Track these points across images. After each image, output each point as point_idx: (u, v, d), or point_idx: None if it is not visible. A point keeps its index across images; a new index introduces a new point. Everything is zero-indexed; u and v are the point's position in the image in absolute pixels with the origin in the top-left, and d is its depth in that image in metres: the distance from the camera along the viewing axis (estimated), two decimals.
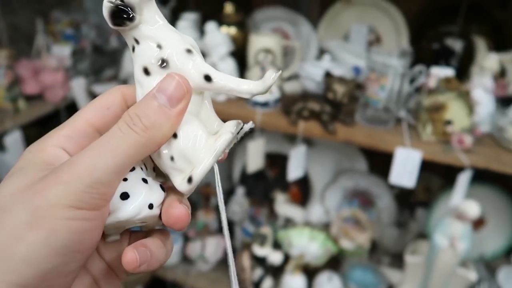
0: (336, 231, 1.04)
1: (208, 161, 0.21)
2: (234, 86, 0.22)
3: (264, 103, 0.90)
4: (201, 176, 0.21)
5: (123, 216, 0.21)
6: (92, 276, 0.24)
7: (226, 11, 0.98)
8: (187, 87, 0.21)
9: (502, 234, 1.02)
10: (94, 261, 0.24)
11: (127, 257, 0.21)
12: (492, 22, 0.94)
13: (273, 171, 1.17)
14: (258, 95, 0.22)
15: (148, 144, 0.21)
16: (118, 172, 0.20)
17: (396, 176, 0.80)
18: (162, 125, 0.21)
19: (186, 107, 0.21)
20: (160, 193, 0.23)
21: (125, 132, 0.20)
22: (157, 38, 0.22)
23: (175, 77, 0.21)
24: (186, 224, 0.22)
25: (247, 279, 1.03)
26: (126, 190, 0.22)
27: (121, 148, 0.20)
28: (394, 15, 0.98)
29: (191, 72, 0.21)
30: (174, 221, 0.22)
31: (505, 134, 0.79)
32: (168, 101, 0.21)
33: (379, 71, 0.82)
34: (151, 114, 0.21)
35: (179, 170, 0.22)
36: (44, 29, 1.02)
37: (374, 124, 0.86)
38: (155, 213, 0.22)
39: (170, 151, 0.22)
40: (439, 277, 0.85)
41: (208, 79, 0.22)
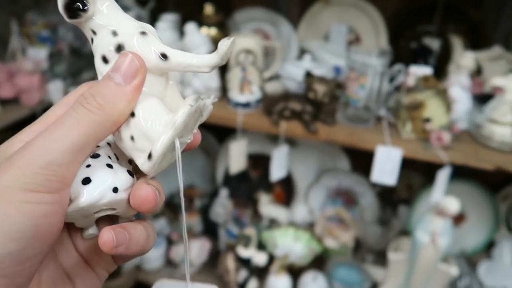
0: (320, 231, 1.05)
1: (167, 135, 0.21)
2: (191, 61, 0.22)
3: (245, 104, 0.90)
4: (161, 151, 0.21)
5: (86, 201, 0.21)
6: (64, 269, 0.23)
7: (206, 12, 0.98)
8: (140, 62, 0.21)
9: (482, 229, 1.04)
10: (67, 253, 0.24)
11: (103, 237, 0.20)
12: (467, 22, 0.96)
13: (256, 172, 1.17)
14: (216, 66, 0.22)
15: (104, 123, 0.20)
16: (74, 153, 0.19)
17: (377, 174, 0.81)
18: (118, 102, 0.20)
19: (141, 83, 0.21)
20: (127, 177, 0.22)
21: (79, 112, 0.20)
22: (112, 26, 0.22)
23: (128, 54, 0.21)
24: (153, 205, 0.22)
25: (231, 281, 1.02)
26: (88, 175, 0.21)
27: (75, 128, 0.20)
28: (372, 15, 0.99)
29: (146, 52, 0.22)
30: (141, 202, 0.21)
31: (482, 131, 0.81)
32: (122, 78, 0.20)
33: (359, 71, 0.83)
34: (105, 92, 0.20)
35: (141, 150, 0.21)
36: (19, 31, 1.00)
37: (354, 123, 0.86)
38: (122, 197, 0.22)
39: (129, 131, 0.22)
40: (421, 272, 0.86)
41: (164, 57, 0.22)
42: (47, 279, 0.22)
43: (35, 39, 1.03)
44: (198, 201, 1.24)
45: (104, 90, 0.21)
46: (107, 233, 0.20)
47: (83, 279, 0.24)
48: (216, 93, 0.94)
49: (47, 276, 0.22)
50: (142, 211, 0.22)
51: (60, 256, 0.23)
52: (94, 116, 0.20)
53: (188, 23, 0.90)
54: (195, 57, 0.22)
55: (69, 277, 0.23)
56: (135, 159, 0.22)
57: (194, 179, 1.30)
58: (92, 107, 0.20)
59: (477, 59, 0.88)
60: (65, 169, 0.19)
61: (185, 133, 0.23)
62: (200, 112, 0.23)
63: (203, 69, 0.22)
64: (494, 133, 0.78)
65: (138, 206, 0.22)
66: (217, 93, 0.95)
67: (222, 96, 0.96)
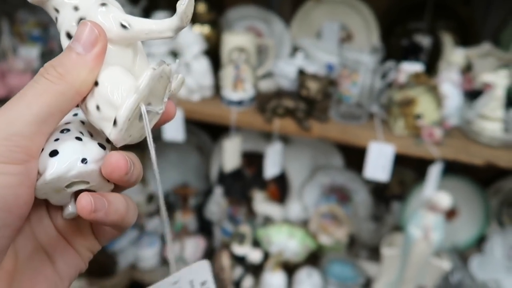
0: (315, 227, 1.05)
1: (130, 100, 0.20)
2: (151, 27, 0.22)
3: (239, 102, 0.90)
4: (125, 116, 0.20)
5: (54, 173, 0.20)
6: (43, 248, 0.23)
7: (198, 10, 0.97)
8: (99, 30, 0.21)
9: (473, 224, 1.06)
10: (46, 232, 0.23)
11: (81, 201, 0.20)
12: (457, 19, 0.97)
13: (250, 170, 1.17)
14: (179, 29, 0.22)
15: (67, 92, 0.20)
16: (38, 124, 0.19)
17: (370, 170, 0.82)
18: (79, 70, 0.20)
19: (102, 51, 0.21)
20: (97, 149, 0.22)
21: (40, 83, 0.20)
22: (73, 1, 0.22)
23: (86, 23, 0.21)
24: (124, 172, 0.21)
25: (227, 279, 1.02)
26: (56, 148, 0.21)
27: (36, 98, 0.19)
28: (364, 13, 0.99)
29: (107, 23, 0.21)
30: (112, 169, 0.21)
31: (472, 126, 0.82)
32: (82, 47, 0.20)
33: (351, 68, 0.84)
34: (66, 62, 0.20)
35: (108, 119, 0.21)
36: (10, 30, 0.99)
37: (347, 119, 0.87)
38: (92, 168, 0.21)
39: (95, 101, 0.21)
40: (414, 267, 0.87)
41: (124, 26, 0.21)
42: (24, 257, 0.22)
43: (26, 38, 1.02)
44: (193, 200, 1.24)
45: (64, 60, 0.21)
46: (85, 197, 0.20)
47: (64, 259, 0.24)
48: (210, 91, 0.95)
49: (24, 254, 0.22)
50: (114, 179, 0.22)
51: (39, 235, 0.23)
52: (56, 86, 0.20)
53: None
54: (155, 23, 0.22)
55: (49, 256, 0.23)
56: (103, 130, 0.22)
57: (188, 178, 1.30)
58: (53, 77, 0.20)
59: (467, 56, 0.89)
60: (29, 140, 0.19)
61: (154, 101, 0.22)
62: (167, 78, 0.22)
63: (165, 33, 0.22)
64: (484, 129, 0.79)
65: (110, 173, 0.21)
66: (210, 91, 0.95)
67: (215, 94, 0.96)
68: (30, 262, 0.22)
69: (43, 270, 0.23)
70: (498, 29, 0.97)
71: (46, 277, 0.23)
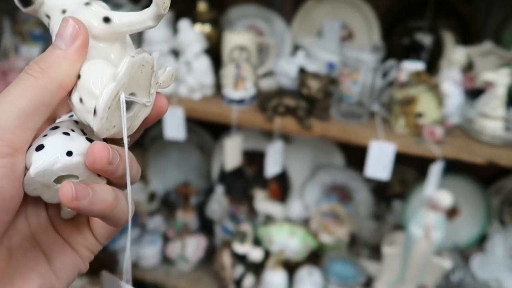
0: (316, 226, 1.05)
1: (109, 88, 0.20)
2: (132, 18, 0.22)
3: (240, 100, 0.90)
4: (104, 104, 0.20)
5: (40, 166, 0.20)
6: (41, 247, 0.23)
7: (199, 8, 0.98)
8: (79, 24, 0.21)
9: (474, 223, 1.05)
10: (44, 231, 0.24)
11: (62, 188, 0.20)
12: (458, 17, 0.97)
13: (251, 169, 1.17)
14: (158, 17, 0.22)
15: (49, 86, 0.20)
16: (21, 118, 0.20)
17: (371, 169, 0.82)
18: (61, 64, 0.21)
19: (83, 45, 0.21)
20: (84, 142, 0.22)
21: (23, 79, 0.20)
22: (61, 6, 0.22)
23: (68, 19, 0.21)
24: (106, 161, 0.21)
25: (228, 277, 1.02)
26: (42, 142, 0.21)
27: (20, 93, 0.20)
28: (365, 11, 0.99)
29: (90, 20, 0.22)
30: (94, 158, 0.21)
31: (473, 125, 0.82)
32: (64, 43, 0.21)
33: (352, 66, 0.83)
34: (48, 57, 0.21)
35: (91, 111, 0.21)
36: (11, 29, 0.99)
37: (348, 118, 0.87)
38: (77, 161, 0.21)
39: (78, 93, 0.21)
40: (415, 266, 0.87)
41: (107, 20, 0.22)
42: (19, 254, 0.22)
43: (27, 37, 1.02)
44: (194, 198, 1.24)
45: (47, 56, 0.21)
46: (66, 184, 0.20)
47: (61, 258, 0.24)
48: (211, 90, 0.95)
49: (19, 252, 0.22)
50: (97, 169, 0.22)
51: (37, 234, 0.23)
52: (38, 81, 0.20)
53: (182, 20, 0.90)
54: (134, 14, 0.22)
55: (45, 254, 0.23)
56: (89, 123, 0.22)
57: (190, 176, 1.30)
58: (35, 73, 0.20)
59: (468, 54, 0.89)
60: (12, 134, 0.19)
61: (139, 91, 0.22)
62: (150, 68, 0.22)
63: (146, 23, 0.22)
64: (486, 127, 0.79)
65: (92, 162, 0.21)
66: (211, 90, 0.95)
67: (216, 92, 0.96)
68: (24, 259, 0.22)
69: (37, 267, 0.23)
70: (500, 27, 0.97)
71: (40, 274, 0.23)
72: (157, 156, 1.29)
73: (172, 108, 0.90)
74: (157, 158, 1.29)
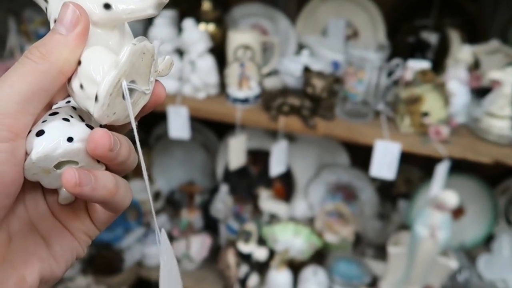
0: (320, 225, 1.05)
1: (111, 74, 0.20)
2: (135, 6, 0.22)
3: (244, 100, 0.90)
4: (106, 91, 0.21)
5: (40, 151, 0.21)
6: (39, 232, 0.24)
7: (203, 8, 0.97)
8: (81, 10, 0.21)
9: (481, 222, 1.05)
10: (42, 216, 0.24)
11: (65, 174, 0.20)
12: (464, 15, 0.96)
13: (256, 168, 1.17)
14: (159, 5, 0.22)
15: (49, 71, 0.20)
16: (20, 102, 0.20)
17: (376, 168, 0.81)
18: (61, 50, 0.21)
19: (83, 31, 0.21)
20: (84, 129, 0.22)
21: (23, 63, 0.20)
22: None
23: (68, 5, 0.21)
24: (107, 147, 0.21)
25: (232, 276, 1.03)
26: (42, 128, 0.21)
27: (20, 78, 0.20)
28: (370, 9, 0.99)
29: (90, 5, 0.22)
30: (95, 144, 0.21)
31: (480, 124, 0.81)
32: (64, 28, 0.21)
33: (357, 65, 0.83)
34: (48, 42, 0.21)
35: (91, 97, 0.21)
36: (17, 29, 1.00)
37: (353, 117, 0.87)
38: (78, 147, 0.22)
39: (79, 80, 0.21)
40: (420, 266, 0.87)
41: (107, 6, 0.22)
42: (18, 239, 0.22)
43: (32, 36, 1.03)
44: (198, 197, 1.24)
45: (47, 41, 0.21)
46: (69, 170, 0.21)
47: (60, 242, 0.24)
48: (215, 89, 0.95)
49: (18, 236, 0.22)
50: (98, 155, 0.22)
51: (35, 219, 0.24)
52: (38, 65, 0.20)
53: (186, 19, 0.89)
54: (136, 1, 0.22)
55: (44, 238, 0.24)
56: (88, 109, 0.22)
57: (194, 175, 1.30)
58: (35, 57, 0.20)
59: (474, 53, 0.88)
60: (13, 119, 0.19)
61: (139, 79, 0.22)
62: (150, 56, 0.22)
63: (147, 11, 0.22)
64: (492, 127, 0.79)
65: (93, 148, 0.21)
66: (216, 89, 0.95)
67: (220, 92, 0.96)
68: (24, 243, 0.22)
69: (37, 252, 0.23)
70: (507, 25, 0.96)
71: (40, 259, 0.23)
72: (161, 155, 1.29)
73: (176, 107, 0.90)
74: (162, 157, 1.29)
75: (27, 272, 0.22)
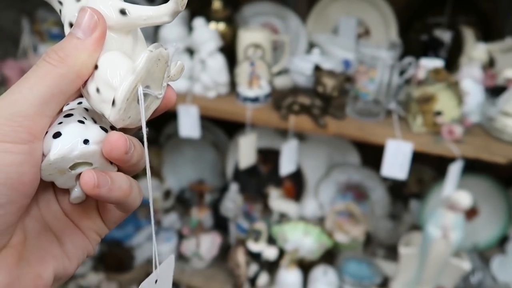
0: (330, 225, 1.04)
1: (128, 80, 0.21)
2: (149, 13, 0.22)
3: (254, 99, 0.90)
4: (123, 96, 0.21)
5: (57, 153, 0.21)
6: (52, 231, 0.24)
7: (214, 7, 0.97)
8: (98, 15, 0.21)
9: (495, 223, 1.03)
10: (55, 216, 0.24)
11: (84, 176, 0.21)
12: (479, 13, 0.94)
13: (266, 167, 1.17)
14: (175, 14, 0.22)
15: (67, 75, 0.21)
16: (40, 105, 0.20)
17: (387, 168, 0.81)
18: (79, 54, 0.21)
19: (101, 36, 0.22)
20: (98, 131, 0.23)
21: (41, 66, 0.21)
22: None
23: (86, 9, 0.21)
24: (124, 151, 0.22)
25: (242, 275, 1.03)
26: (59, 130, 0.22)
27: (38, 80, 0.20)
28: (382, 8, 0.97)
29: (107, 11, 0.22)
30: (111, 147, 0.22)
31: (494, 123, 0.79)
32: (82, 32, 0.21)
33: (368, 64, 0.82)
34: (66, 46, 0.21)
35: (107, 101, 0.22)
36: (30, 29, 1.01)
37: (364, 117, 0.86)
38: (94, 149, 0.22)
39: (95, 83, 0.22)
40: (432, 267, 0.86)
41: (123, 12, 0.22)
42: (33, 237, 0.23)
43: (45, 36, 1.04)
44: (208, 196, 1.24)
45: (65, 44, 0.21)
46: (87, 172, 0.21)
47: (72, 241, 0.25)
48: (225, 88, 0.95)
49: (33, 235, 0.23)
50: (114, 158, 0.22)
51: (47, 218, 0.24)
52: (56, 69, 0.21)
53: (196, 18, 0.90)
54: (152, 9, 0.22)
55: (57, 237, 0.24)
56: (103, 112, 0.22)
57: (204, 174, 1.30)
58: (54, 61, 0.21)
59: (489, 51, 0.87)
60: (32, 121, 0.20)
61: (152, 84, 0.23)
62: (165, 62, 0.23)
63: (162, 18, 0.22)
64: (507, 126, 0.77)
65: (109, 151, 0.22)
66: (226, 88, 0.95)
67: (230, 90, 0.96)
68: (39, 242, 0.23)
69: (51, 250, 0.23)
70: None
71: (54, 257, 0.23)
72: (172, 154, 1.30)
73: (186, 106, 0.90)
74: (172, 156, 1.30)
75: (42, 270, 0.22)
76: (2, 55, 0.98)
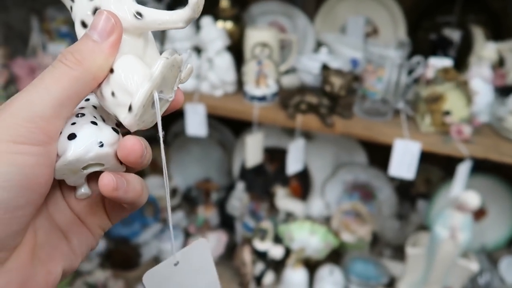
0: (337, 225, 1.04)
1: (145, 87, 0.21)
2: (164, 17, 0.22)
3: (261, 97, 0.90)
4: (140, 102, 0.21)
5: (72, 155, 0.21)
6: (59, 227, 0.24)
7: (221, 5, 0.97)
8: (116, 19, 0.21)
9: (503, 224, 1.02)
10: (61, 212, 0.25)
11: (103, 179, 0.22)
12: (488, 12, 0.93)
13: (272, 166, 1.17)
14: (190, 20, 0.22)
15: (84, 78, 0.21)
16: (56, 107, 0.20)
17: (395, 168, 0.80)
18: (96, 57, 0.21)
19: (117, 39, 0.22)
20: (111, 133, 0.23)
21: (58, 68, 0.21)
22: None
23: (103, 12, 0.21)
24: (140, 155, 0.23)
25: (248, 274, 1.03)
26: (74, 131, 0.22)
27: (55, 82, 0.20)
28: (390, 6, 0.97)
29: (121, 12, 0.22)
30: (128, 152, 0.22)
31: (504, 123, 0.79)
32: (99, 36, 0.21)
33: (376, 63, 0.82)
34: (83, 49, 0.21)
35: (122, 104, 0.22)
36: (39, 28, 1.02)
37: (372, 116, 0.85)
38: (107, 151, 0.23)
39: (110, 87, 0.22)
40: (440, 268, 0.85)
41: (139, 15, 0.22)
42: (43, 235, 0.23)
43: (54, 35, 1.05)
44: (215, 195, 1.25)
45: (81, 47, 0.21)
46: (107, 175, 0.22)
47: (78, 237, 0.25)
48: (232, 87, 0.95)
49: (42, 232, 0.23)
50: (130, 162, 0.23)
51: (55, 215, 0.25)
52: (73, 72, 0.21)
53: (204, 17, 0.90)
54: (168, 13, 0.22)
55: (64, 234, 0.25)
56: (118, 115, 0.23)
57: (211, 173, 1.31)
58: (70, 63, 0.21)
59: (499, 50, 0.86)
60: (48, 123, 0.20)
61: (165, 89, 0.23)
62: (178, 67, 0.23)
63: (177, 24, 0.22)
64: None
65: (126, 156, 0.22)
66: (233, 87, 0.95)
67: (238, 89, 0.96)
68: (48, 240, 0.23)
69: (59, 247, 0.24)
70: None
71: (62, 253, 0.24)
72: (178, 152, 1.30)
73: (193, 104, 0.90)
74: (179, 154, 1.30)
75: (52, 266, 0.23)
76: (11, 54, 0.99)
